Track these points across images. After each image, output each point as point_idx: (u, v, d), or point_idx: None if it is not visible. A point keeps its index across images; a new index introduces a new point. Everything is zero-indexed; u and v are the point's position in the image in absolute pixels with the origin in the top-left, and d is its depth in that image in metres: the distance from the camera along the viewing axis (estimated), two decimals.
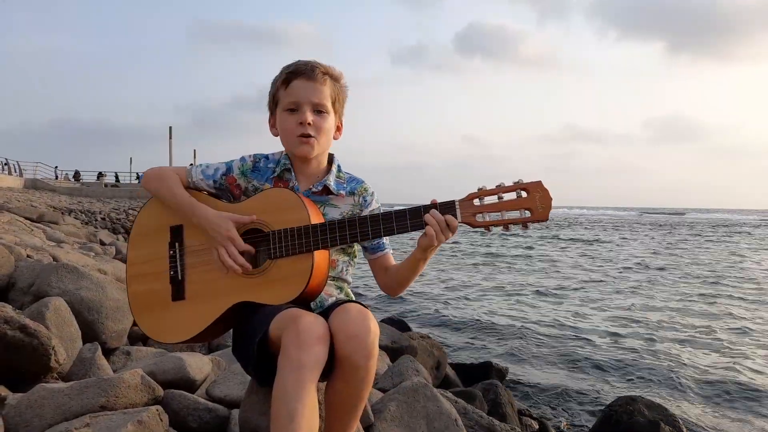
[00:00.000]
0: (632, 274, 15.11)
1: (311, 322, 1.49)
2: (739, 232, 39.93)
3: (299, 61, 1.81)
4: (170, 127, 39.42)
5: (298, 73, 1.76)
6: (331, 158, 1.89)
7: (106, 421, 1.83)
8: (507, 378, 5.64)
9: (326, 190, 1.82)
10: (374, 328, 1.56)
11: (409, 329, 6.54)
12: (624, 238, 31.28)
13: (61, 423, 1.87)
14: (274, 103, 1.83)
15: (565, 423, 4.69)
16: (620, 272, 15.40)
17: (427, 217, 1.59)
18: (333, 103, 1.80)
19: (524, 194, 1.57)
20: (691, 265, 17.51)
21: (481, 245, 24.43)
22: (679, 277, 14.36)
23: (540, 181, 1.57)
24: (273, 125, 1.85)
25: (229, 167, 1.86)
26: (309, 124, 1.74)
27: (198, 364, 2.60)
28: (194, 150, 42.14)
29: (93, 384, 2.01)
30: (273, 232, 1.68)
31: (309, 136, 1.75)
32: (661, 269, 16.09)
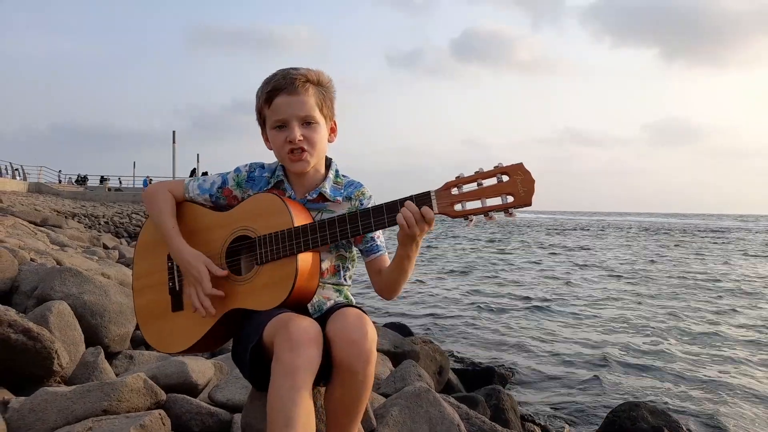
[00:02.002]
0: (629, 281, 15.07)
1: (302, 326, 1.49)
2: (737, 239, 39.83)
3: (277, 74, 1.74)
4: (174, 132, 39.57)
5: (278, 89, 1.70)
6: (329, 163, 1.85)
7: (108, 425, 1.83)
8: (510, 383, 5.63)
9: (322, 198, 1.79)
10: (372, 332, 1.54)
11: (411, 334, 6.53)
12: (626, 245, 31.21)
13: (64, 427, 1.88)
14: (261, 119, 1.80)
15: (567, 429, 4.67)
16: (619, 280, 15.37)
17: (399, 216, 1.55)
18: (321, 110, 1.74)
19: (505, 178, 1.47)
20: (690, 273, 17.46)
21: (482, 249, 24.41)
22: (678, 285, 14.32)
23: (521, 163, 1.47)
24: (267, 140, 1.81)
25: (224, 180, 1.85)
26: (299, 140, 1.70)
27: (200, 369, 2.60)
28: (197, 154, 42.22)
29: (96, 388, 2.01)
30: (258, 237, 1.68)
31: (302, 151, 1.72)
32: (658, 277, 16.05)
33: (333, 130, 1.83)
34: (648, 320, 9.37)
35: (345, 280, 1.84)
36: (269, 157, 1.86)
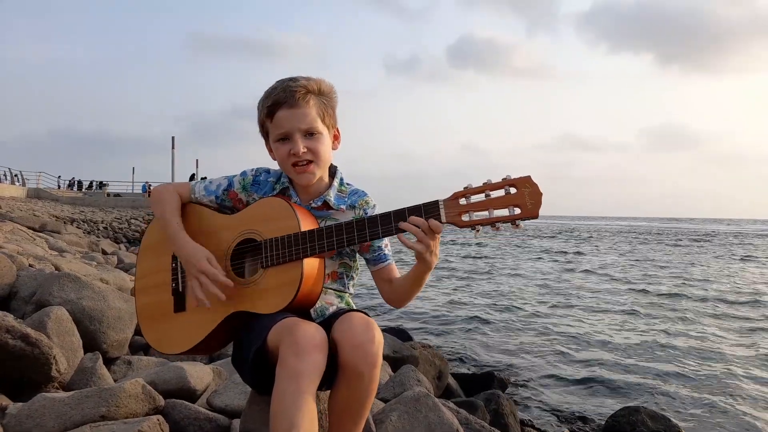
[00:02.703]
0: (625, 285, 15.08)
1: (308, 331, 1.49)
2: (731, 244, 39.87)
3: (277, 87, 1.74)
4: (173, 137, 39.56)
5: (279, 103, 1.71)
6: (333, 171, 1.86)
7: (106, 431, 1.83)
8: (509, 388, 5.62)
9: (326, 206, 1.80)
10: (378, 337, 1.56)
11: (410, 339, 6.53)
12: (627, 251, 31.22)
13: None
14: (264, 132, 1.80)
15: None
16: (616, 284, 15.37)
17: (405, 225, 1.55)
18: (323, 120, 1.75)
19: (513, 190, 1.49)
20: (683, 277, 17.49)
21: (480, 257, 24.42)
22: (674, 289, 14.33)
23: (529, 176, 1.49)
24: (271, 150, 1.82)
25: (230, 182, 1.87)
26: (303, 153, 1.71)
27: (199, 374, 2.59)
28: (197, 160, 42.21)
29: (94, 393, 2.01)
30: (264, 241, 1.69)
31: (306, 163, 1.73)
32: (655, 281, 16.07)
33: (336, 138, 1.84)
34: (647, 325, 9.37)
35: (348, 288, 1.85)
36: (273, 163, 1.87)
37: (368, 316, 1.64)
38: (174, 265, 1.82)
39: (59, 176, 44.17)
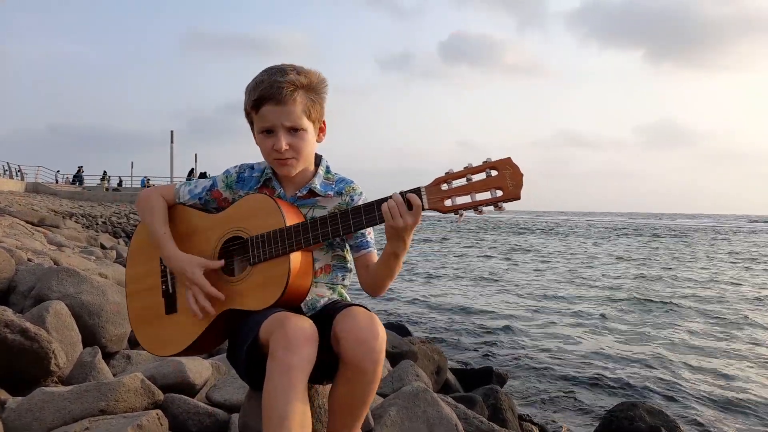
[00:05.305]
0: (622, 280, 15.10)
1: (298, 324, 1.49)
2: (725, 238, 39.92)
3: (264, 80, 1.70)
4: (172, 132, 39.42)
5: (265, 98, 1.68)
6: (318, 160, 1.85)
7: (105, 425, 1.83)
8: (507, 383, 5.63)
9: (312, 193, 1.80)
10: (382, 332, 1.56)
11: (409, 334, 6.53)
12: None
13: (61, 427, 1.88)
14: (250, 120, 1.79)
15: (565, 428, 4.68)
16: (619, 283, 15.39)
17: (383, 206, 1.55)
18: (308, 116, 1.72)
19: (494, 173, 1.49)
20: (690, 276, 17.51)
21: (481, 251, 24.41)
22: (676, 288, 14.36)
23: (509, 158, 1.49)
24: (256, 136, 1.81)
25: (213, 182, 1.87)
26: (285, 149, 1.70)
27: (198, 369, 2.60)
28: (195, 154, 42.20)
29: (93, 388, 2.01)
30: (251, 238, 1.69)
31: (287, 158, 1.72)
32: (658, 277, 16.10)
33: (322, 131, 1.81)
34: (646, 321, 9.39)
35: (342, 280, 1.84)
36: (259, 157, 1.86)
37: (369, 311, 1.64)
38: (163, 267, 1.82)
39: (57, 171, 44.15)
